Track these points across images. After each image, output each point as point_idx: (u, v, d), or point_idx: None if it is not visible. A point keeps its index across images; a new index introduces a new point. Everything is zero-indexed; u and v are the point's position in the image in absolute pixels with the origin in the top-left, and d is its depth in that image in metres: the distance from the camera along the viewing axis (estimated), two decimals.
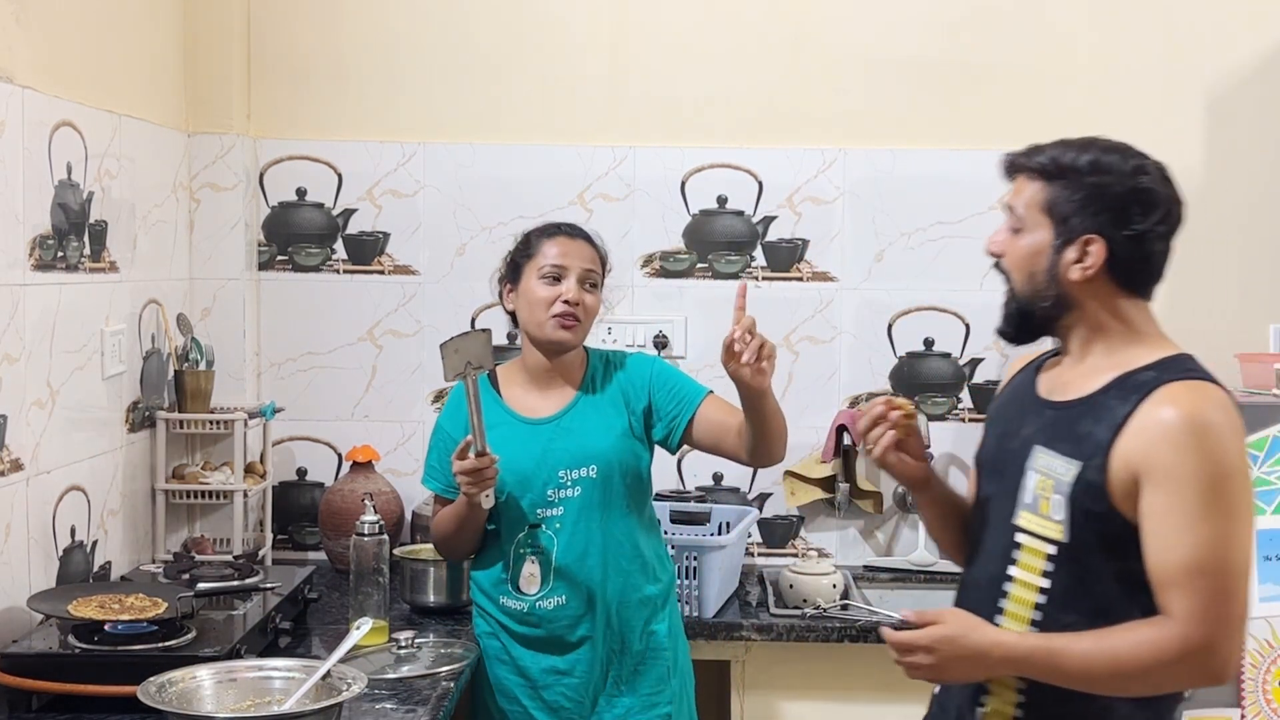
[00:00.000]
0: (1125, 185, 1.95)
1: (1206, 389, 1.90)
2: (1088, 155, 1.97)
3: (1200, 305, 3.64)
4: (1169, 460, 1.83)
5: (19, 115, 2.59)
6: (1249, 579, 1.85)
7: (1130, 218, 1.95)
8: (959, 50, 3.64)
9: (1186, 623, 1.83)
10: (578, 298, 2.72)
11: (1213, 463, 1.82)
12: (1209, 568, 1.82)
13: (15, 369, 2.57)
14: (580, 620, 2.73)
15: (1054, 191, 1.98)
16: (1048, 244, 1.99)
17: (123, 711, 2.26)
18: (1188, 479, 1.82)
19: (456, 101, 3.65)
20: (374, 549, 2.76)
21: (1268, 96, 3.63)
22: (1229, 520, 1.83)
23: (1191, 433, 1.83)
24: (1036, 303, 2.02)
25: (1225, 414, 1.87)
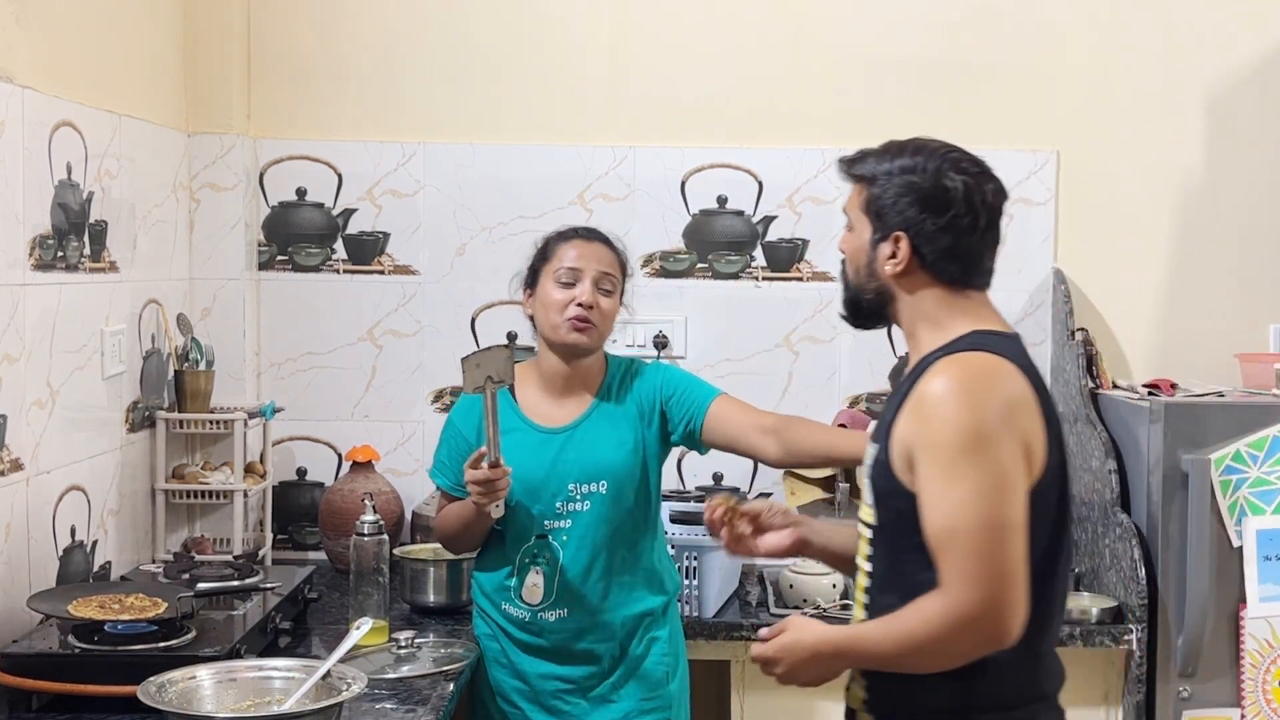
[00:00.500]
0: (927, 183, 2.02)
1: (969, 358, 1.93)
2: (899, 158, 2.06)
3: (1200, 305, 3.64)
4: (923, 430, 1.89)
5: (19, 115, 2.59)
6: (1013, 535, 1.84)
7: (931, 214, 2.01)
8: (959, 50, 3.64)
9: (954, 586, 1.85)
10: (591, 300, 2.68)
11: (955, 427, 1.86)
12: (962, 528, 1.84)
13: (15, 369, 2.57)
14: (582, 634, 2.72)
15: (870, 192, 2.06)
16: (867, 241, 2.06)
17: (123, 711, 2.26)
18: (938, 445, 1.87)
19: (456, 101, 3.65)
20: (374, 549, 2.76)
21: (1268, 96, 3.63)
22: (978, 478, 1.84)
23: (940, 401, 1.89)
24: (862, 294, 2.10)
25: (980, 380, 1.90)
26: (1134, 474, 3.21)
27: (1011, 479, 1.85)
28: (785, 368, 3.64)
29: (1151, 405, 3.12)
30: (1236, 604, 3.06)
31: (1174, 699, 3.07)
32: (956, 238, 2.02)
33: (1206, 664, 3.06)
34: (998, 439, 1.86)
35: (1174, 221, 3.65)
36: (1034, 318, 3.64)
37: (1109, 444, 3.25)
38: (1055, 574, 1.97)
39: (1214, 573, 3.03)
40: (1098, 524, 3.29)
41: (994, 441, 1.85)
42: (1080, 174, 3.64)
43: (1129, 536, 3.12)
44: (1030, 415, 1.90)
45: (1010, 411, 1.88)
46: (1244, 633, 3.06)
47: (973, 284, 2.07)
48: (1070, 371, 3.46)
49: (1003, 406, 1.88)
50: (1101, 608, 3.13)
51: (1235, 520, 3.05)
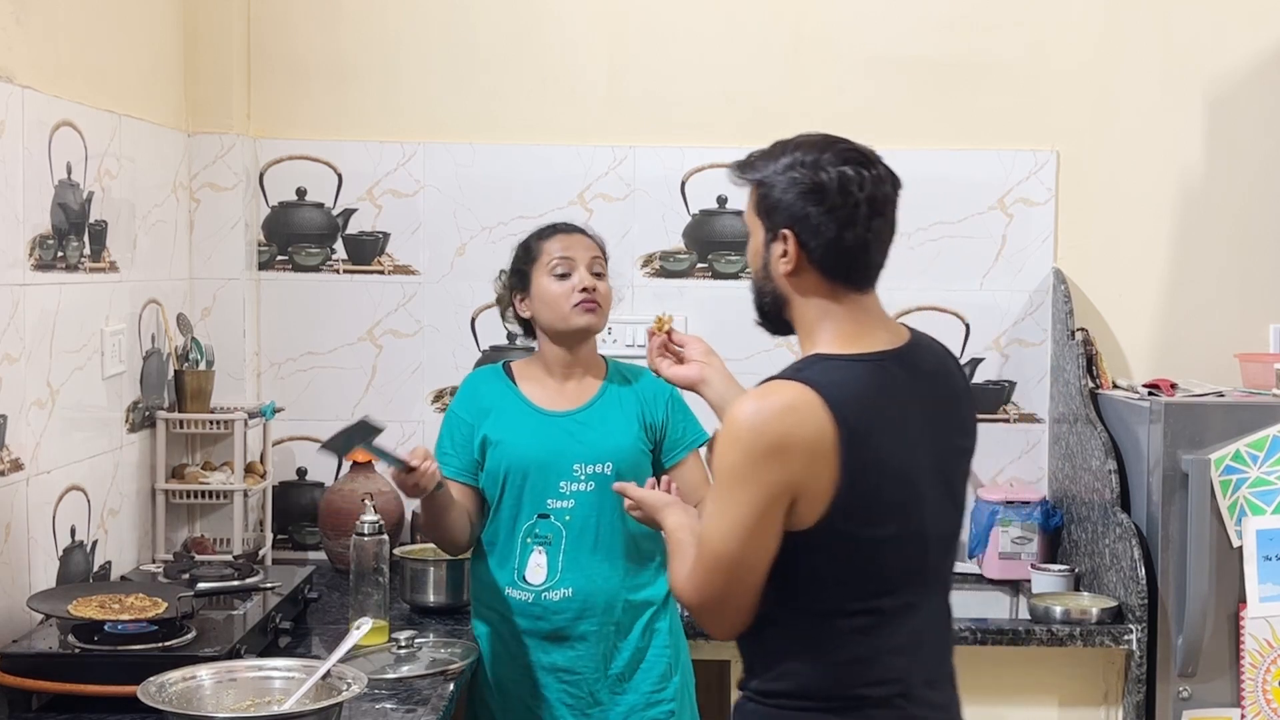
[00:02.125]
0: (806, 177, 2.01)
1: (771, 389, 1.95)
2: (782, 156, 2.06)
3: (1200, 305, 3.64)
4: (715, 447, 2.00)
5: (19, 115, 2.59)
6: (736, 570, 1.94)
7: (813, 207, 2.01)
8: (959, 50, 3.64)
9: (685, 574, 2.02)
10: (592, 283, 2.76)
11: (721, 457, 1.95)
12: (704, 545, 1.98)
13: (15, 369, 2.57)
14: (584, 614, 2.73)
15: (759, 194, 2.07)
16: (761, 243, 2.08)
17: (123, 711, 2.26)
18: (714, 467, 2.00)
19: (456, 101, 3.65)
20: (374, 549, 2.76)
21: (1268, 96, 3.63)
22: (724, 512, 1.94)
23: (724, 429, 1.98)
24: (762, 299, 2.11)
25: (758, 415, 1.92)
26: (1134, 474, 3.21)
27: (754, 523, 1.92)
28: None
29: (1151, 405, 3.12)
30: (1236, 604, 3.06)
31: (1174, 699, 3.07)
32: (839, 230, 2.01)
33: (1206, 664, 3.06)
34: (751, 483, 1.91)
35: (1174, 221, 3.65)
36: (1034, 318, 3.64)
37: (1109, 444, 3.25)
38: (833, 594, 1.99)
39: (1214, 573, 3.04)
40: (1098, 524, 3.29)
41: (747, 484, 1.92)
42: (1080, 174, 3.64)
43: (1129, 536, 3.12)
44: (810, 459, 1.91)
45: (777, 457, 1.90)
46: (1244, 633, 3.06)
47: (858, 282, 2.07)
48: (1070, 371, 3.46)
49: (769, 451, 1.90)
50: (1101, 608, 3.14)
51: (1235, 520, 3.05)
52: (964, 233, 3.64)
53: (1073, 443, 3.45)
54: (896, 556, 1.99)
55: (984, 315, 3.66)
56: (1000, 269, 3.65)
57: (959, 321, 3.65)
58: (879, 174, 2.05)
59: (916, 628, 2.03)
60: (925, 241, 3.64)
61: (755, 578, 1.95)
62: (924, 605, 2.05)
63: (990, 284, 3.65)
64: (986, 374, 3.66)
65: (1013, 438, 3.66)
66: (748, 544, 1.93)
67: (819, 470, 1.91)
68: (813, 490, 1.91)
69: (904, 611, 2.02)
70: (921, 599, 2.04)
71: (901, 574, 2.01)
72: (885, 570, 1.99)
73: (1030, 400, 3.66)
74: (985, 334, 3.65)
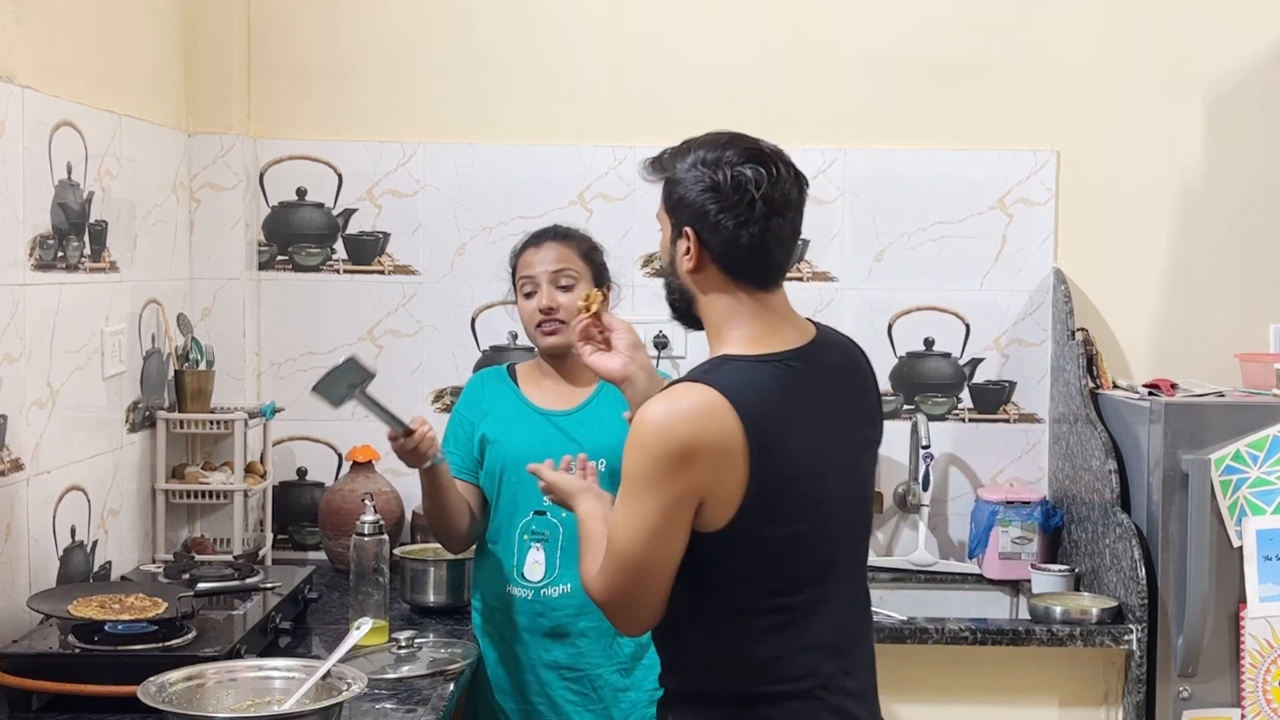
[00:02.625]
0: (707, 175, 2.03)
1: (679, 392, 1.97)
2: (689, 154, 2.07)
3: (1200, 305, 3.64)
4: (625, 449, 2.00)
5: (19, 115, 2.59)
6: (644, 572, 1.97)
7: (712, 204, 2.02)
8: (959, 50, 3.64)
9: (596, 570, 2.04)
10: (550, 302, 2.76)
11: (629, 460, 1.97)
12: (613, 546, 2.00)
13: (15, 369, 2.57)
14: (584, 610, 2.72)
15: (666, 192, 2.09)
16: (669, 239, 2.10)
17: (123, 711, 2.26)
18: (623, 469, 2.00)
19: (456, 101, 3.65)
20: (374, 549, 2.76)
21: (1268, 96, 3.63)
22: (632, 514, 1.96)
23: (634, 431, 1.98)
24: (672, 294, 2.14)
25: (666, 420, 1.94)
26: (1134, 474, 3.21)
27: (660, 526, 1.94)
28: None
29: (1151, 405, 3.12)
30: (1236, 604, 3.06)
31: (1174, 699, 3.07)
32: (736, 228, 2.01)
33: (1206, 664, 3.06)
34: (657, 487, 1.93)
35: (1174, 221, 3.65)
36: (1034, 318, 3.64)
37: (1109, 444, 3.25)
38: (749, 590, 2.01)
39: (1214, 573, 3.04)
40: (1098, 524, 3.29)
41: (654, 488, 1.93)
42: (1080, 174, 3.64)
43: (1129, 536, 3.12)
44: (718, 463, 1.93)
45: (684, 461, 1.92)
46: (1244, 633, 3.06)
47: (760, 281, 2.06)
48: (1070, 371, 3.46)
49: (676, 457, 1.92)
50: (1101, 608, 3.14)
51: (1235, 520, 3.05)
52: (964, 233, 3.64)
53: (1073, 443, 3.45)
54: (806, 553, 2.03)
55: (984, 315, 3.66)
56: (1000, 269, 3.65)
57: (959, 321, 3.65)
58: (778, 174, 2.04)
59: (831, 620, 2.07)
60: (925, 241, 3.64)
61: (662, 579, 1.98)
62: (836, 597, 2.08)
63: (990, 284, 3.65)
64: (986, 374, 3.66)
65: (1013, 438, 3.66)
66: (653, 546, 1.95)
67: (727, 473, 1.94)
68: (721, 493, 1.94)
69: (817, 605, 2.05)
70: (834, 592, 2.07)
71: (812, 569, 2.04)
72: (796, 567, 2.02)
73: (1030, 400, 3.66)
74: (985, 334, 3.65)
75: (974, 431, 3.67)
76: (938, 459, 3.64)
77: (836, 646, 2.07)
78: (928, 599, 3.52)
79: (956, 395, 3.67)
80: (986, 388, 3.66)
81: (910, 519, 3.64)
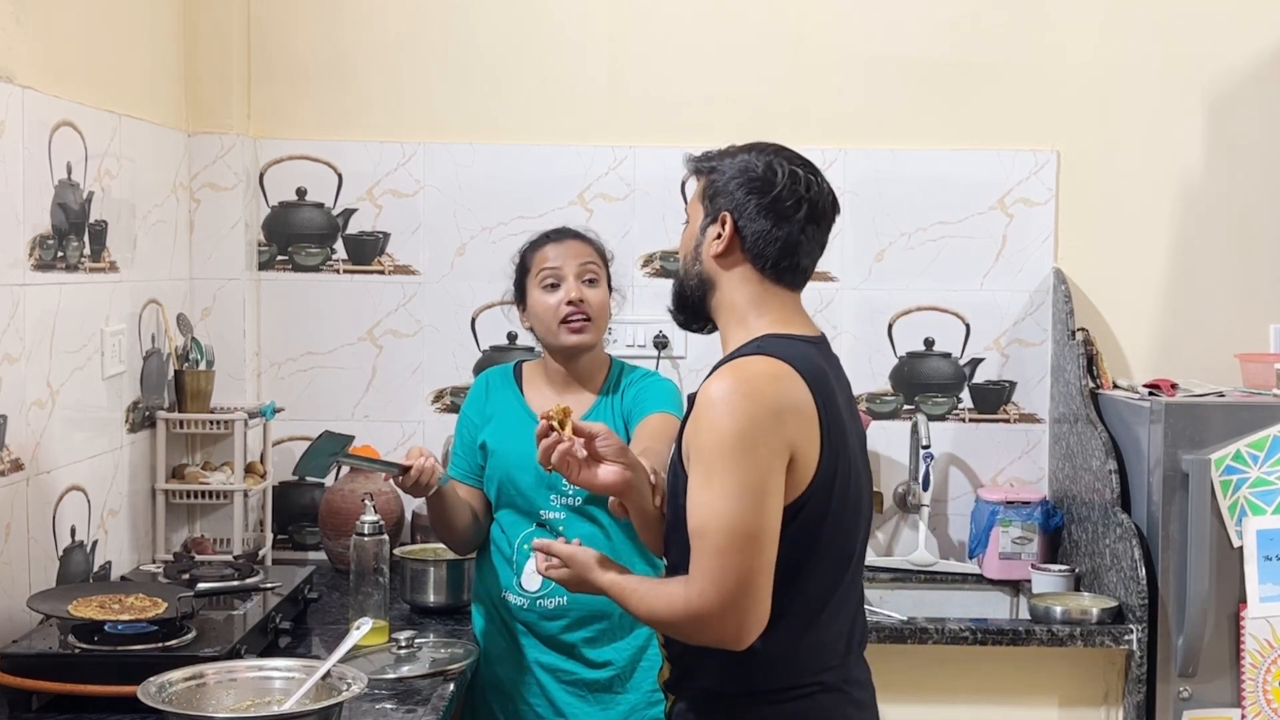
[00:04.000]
0: (757, 170, 2.09)
1: (747, 363, 1.98)
2: (739, 154, 2.13)
3: (1200, 305, 3.64)
4: (695, 432, 1.96)
5: (19, 115, 2.59)
6: (756, 542, 1.90)
7: (756, 195, 2.07)
8: (959, 50, 3.64)
9: (696, 582, 1.93)
10: (580, 295, 2.71)
11: (719, 431, 1.92)
12: (711, 528, 1.91)
13: (15, 369, 2.57)
14: (581, 623, 2.73)
15: (705, 181, 2.14)
16: (698, 227, 2.13)
17: (123, 711, 2.26)
18: (700, 449, 1.94)
19: (456, 101, 3.65)
20: (374, 549, 2.76)
21: (1268, 96, 3.63)
22: (733, 483, 1.90)
23: (710, 405, 1.94)
24: (686, 283, 2.15)
25: (751, 385, 1.94)
26: (1134, 474, 3.21)
27: (765, 487, 1.91)
28: None
29: (1151, 405, 3.12)
30: (1236, 604, 3.06)
31: (1174, 699, 3.07)
32: (776, 221, 2.07)
33: (1206, 664, 3.06)
34: (757, 447, 1.90)
35: (1174, 221, 3.65)
36: (1034, 318, 3.64)
37: (1109, 444, 3.25)
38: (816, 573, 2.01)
39: (1214, 573, 3.04)
40: (1098, 524, 3.29)
41: (754, 449, 1.90)
42: (1080, 174, 3.64)
43: (1129, 537, 3.12)
44: (803, 423, 1.95)
45: (777, 419, 1.92)
46: (1244, 633, 3.06)
47: (785, 279, 2.10)
48: (1070, 371, 3.46)
49: (769, 414, 1.92)
50: (1102, 608, 3.13)
51: (1235, 520, 3.05)
52: (964, 233, 3.64)
53: (1073, 443, 3.45)
54: (852, 534, 2.06)
55: (984, 315, 3.66)
56: (1000, 269, 3.65)
57: (959, 321, 3.65)
58: (824, 186, 2.13)
59: (853, 610, 2.11)
60: (925, 241, 3.64)
61: (772, 553, 1.92)
62: (857, 586, 2.13)
63: (990, 284, 3.65)
64: (987, 374, 3.66)
65: (1013, 438, 3.67)
66: (762, 511, 1.90)
67: (809, 435, 1.95)
68: (804, 455, 1.95)
69: (848, 593, 2.08)
70: (858, 575, 2.12)
71: (852, 553, 2.08)
72: (847, 548, 2.05)
73: (1030, 400, 3.66)
74: (985, 334, 3.65)
75: (974, 431, 3.67)
76: (938, 459, 3.64)
77: (852, 636, 2.10)
78: (928, 599, 3.52)
79: (957, 395, 3.67)
80: (987, 388, 3.66)
81: (910, 519, 3.64)
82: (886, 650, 3.09)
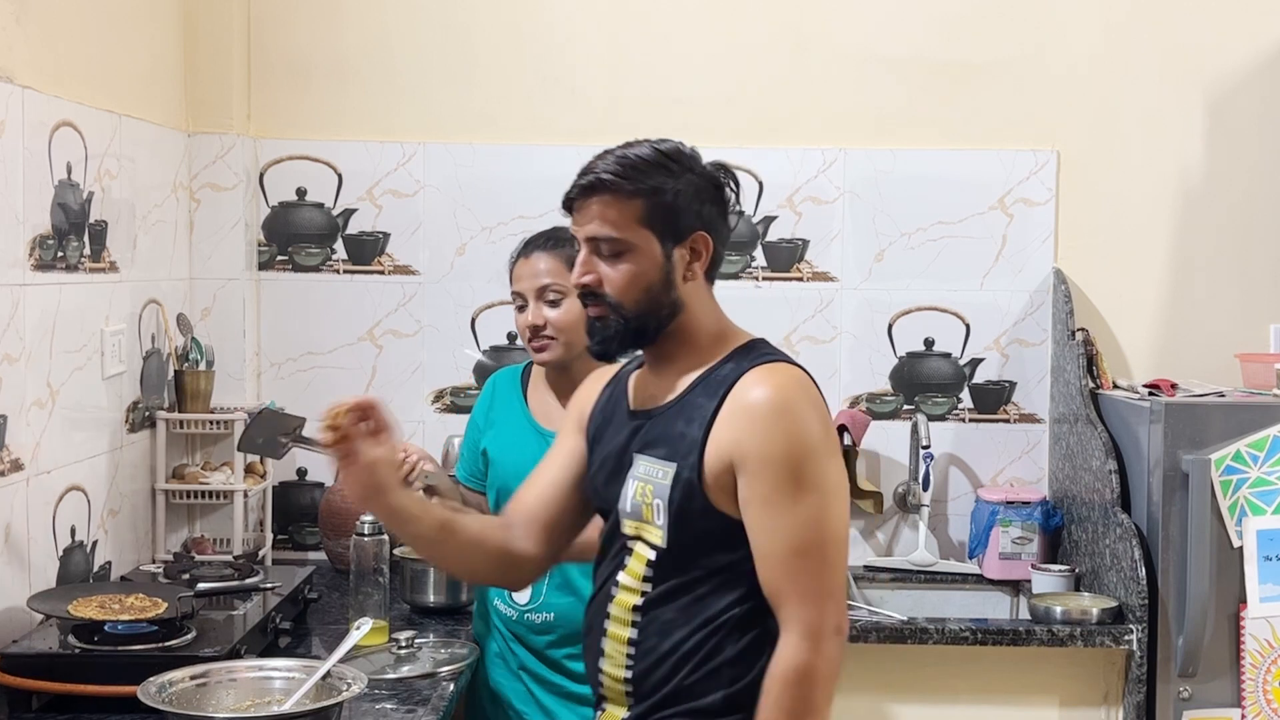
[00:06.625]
0: (708, 182, 2.02)
1: (783, 369, 1.95)
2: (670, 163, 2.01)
3: (1200, 305, 3.64)
4: (758, 445, 1.87)
5: (19, 115, 2.59)
6: (846, 548, 1.95)
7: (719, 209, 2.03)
8: (959, 50, 3.64)
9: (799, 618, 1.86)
10: (538, 319, 2.66)
11: (797, 441, 1.87)
12: (809, 547, 1.86)
13: (15, 369, 2.57)
14: (564, 640, 2.70)
15: (648, 202, 1.98)
16: (658, 253, 1.99)
17: (123, 711, 2.26)
18: (778, 461, 1.86)
19: (456, 101, 3.65)
20: (374, 549, 2.76)
21: (1268, 96, 3.63)
22: (820, 495, 1.87)
23: (774, 415, 1.88)
24: (652, 317, 2.01)
25: (804, 391, 1.93)
26: (1134, 474, 3.21)
27: (844, 496, 1.91)
28: None
29: (1151, 405, 3.12)
30: (1236, 604, 3.06)
31: (1174, 699, 3.07)
32: (728, 226, 2.07)
33: (1206, 664, 3.06)
34: (830, 455, 1.89)
35: (1174, 221, 3.65)
36: (1034, 318, 3.64)
37: (1109, 444, 3.25)
38: None
39: (1214, 573, 3.03)
40: (1098, 524, 3.29)
41: (828, 458, 1.89)
42: (1080, 174, 3.64)
43: (1129, 537, 3.12)
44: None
45: (829, 427, 1.94)
46: (1244, 633, 3.06)
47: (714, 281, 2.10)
48: (1070, 371, 3.46)
49: (826, 422, 1.92)
50: (1102, 608, 3.13)
51: (1235, 520, 3.05)
52: (964, 233, 3.64)
53: (1073, 443, 3.45)
54: None
55: (984, 315, 3.66)
56: (1000, 269, 3.65)
57: (959, 321, 3.65)
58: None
59: None
60: (925, 241, 3.64)
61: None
62: None
63: (990, 284, 3.65)
64: (987, 374, 3.66)
65: (1013, 438, 3.66)
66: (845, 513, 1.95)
67: None
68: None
69: None
70: None
71: None
72: None
73: (1030, 400, 3.66)
74: (985, 334, 3.65)
75: (974, 431, 3.67)
76: (938, 459, 3.64)
77: None
78: (928, 599, 3.52)
79: (957, 395, 3.67)
80: (987, 388, 3.66)
81: (910, 519, 3.64)
82: (886, 650, 3.09)
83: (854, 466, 3.56)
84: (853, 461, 3.55)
